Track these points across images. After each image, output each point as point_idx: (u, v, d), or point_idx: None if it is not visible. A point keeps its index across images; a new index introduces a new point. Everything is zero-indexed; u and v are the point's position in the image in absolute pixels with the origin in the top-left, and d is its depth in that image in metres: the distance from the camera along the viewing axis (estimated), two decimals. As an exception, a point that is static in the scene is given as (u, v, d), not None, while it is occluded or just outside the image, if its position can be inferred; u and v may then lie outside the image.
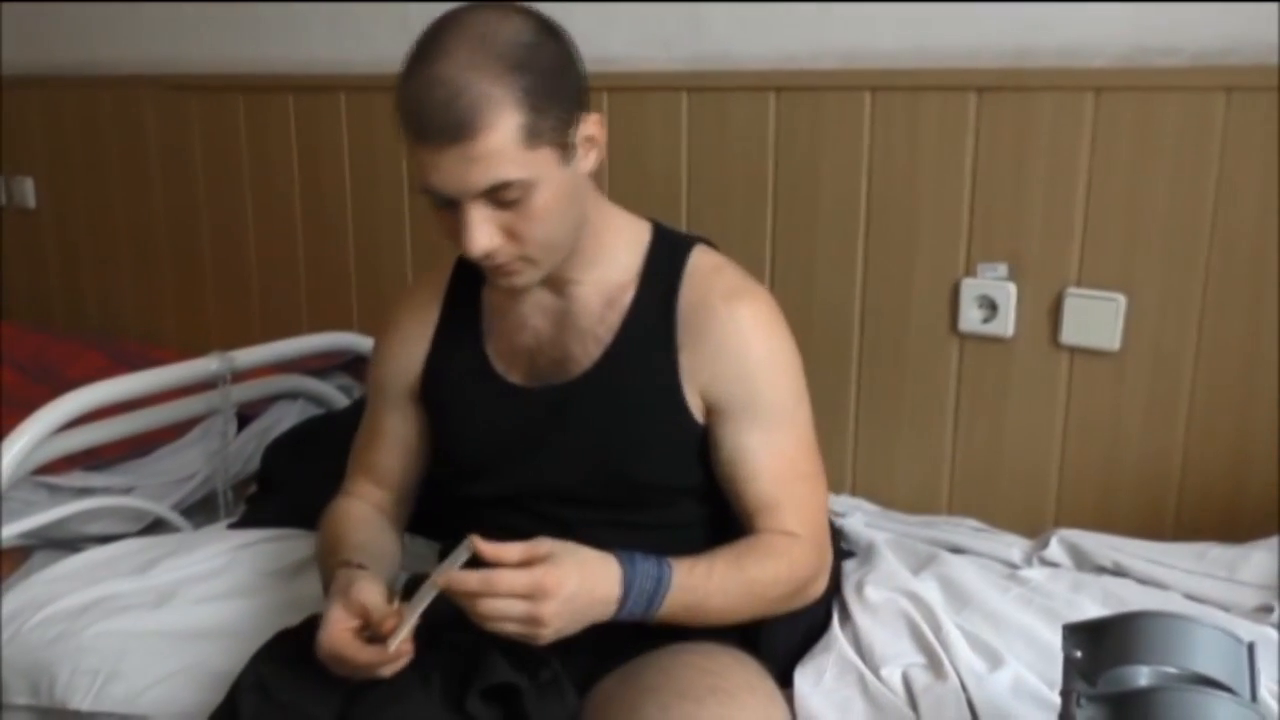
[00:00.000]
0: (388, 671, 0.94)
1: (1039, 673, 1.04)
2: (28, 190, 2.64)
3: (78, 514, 1.55)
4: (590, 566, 0.94)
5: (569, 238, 1.04)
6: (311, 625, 1.09)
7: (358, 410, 1.80)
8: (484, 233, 0.96)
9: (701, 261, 1.11)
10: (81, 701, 1.18)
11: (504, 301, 1.13)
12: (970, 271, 1.50)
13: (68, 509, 1.54)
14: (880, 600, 1.15)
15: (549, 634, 0.91)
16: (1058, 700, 1.00)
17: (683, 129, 1.67)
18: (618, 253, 1.10)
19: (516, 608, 0.89)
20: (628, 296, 1.09)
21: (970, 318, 1.50)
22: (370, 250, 2.07)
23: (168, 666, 1.19)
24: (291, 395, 1.93)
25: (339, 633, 0.95)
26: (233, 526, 1.53)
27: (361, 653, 0.94)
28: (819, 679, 1.06)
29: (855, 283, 1.58)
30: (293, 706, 0.97)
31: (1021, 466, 1.51)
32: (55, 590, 1.33)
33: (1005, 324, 1.47)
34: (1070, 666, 0.83)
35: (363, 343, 1.93)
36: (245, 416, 1.85)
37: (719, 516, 1.12)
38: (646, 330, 1.08)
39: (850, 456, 1.63)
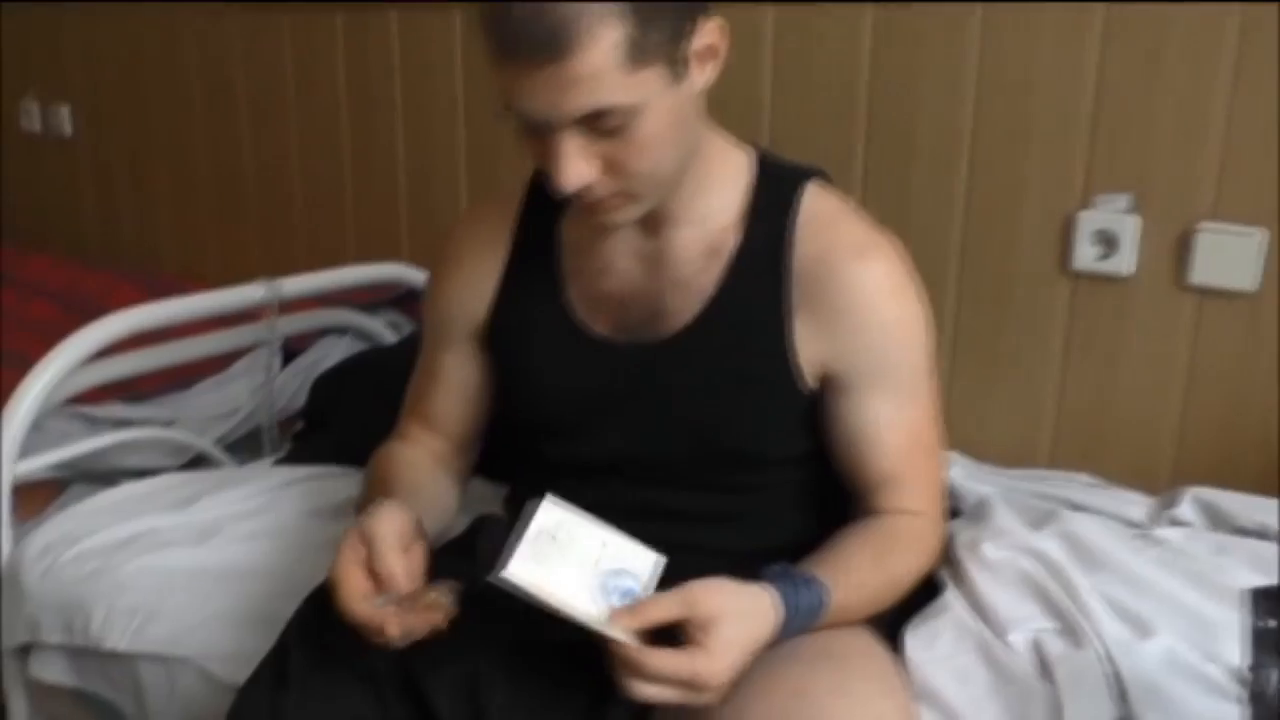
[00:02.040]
0: (382, 640, 0.81)
1: (1194, 644, 0.92)
2: (64, 118, 2.58)
3: (116, 446, 1.48)
4: (751, 625, 0.80)
5: (678, 168, 0.89)
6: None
7: (408, 345, 1.72)
8: (579, 166, 0.83)
9: (817, 206, 0.96)
10: (118, 642, 1.11)
11: (586, 239, 0.99)
12: (1087, 203, 1.36)
13: (106, 439, 1.47)
14: (1000, 559, 1.03)
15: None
16: (1220, 677, 0.88)
17: (766, 48, 1.53)
18: (722, 188, 0.96)
19: (669, 694, 0.76)
20: (732, 242, 0.95)
21: (1085, 254, 1.36)
22: (422, 177, 1.95)
23: (210, 607, 1.12)
24: (339, 330, 1.83)
25: (346, 566, 0.83)
26: (278, 463, 1.44)
27: (355, 603, 0.82)
28: (932, 644, 0.95)
29: (955, 215, 1.44)
30: (347, 656, 0.87)
31: (1135, 419, 1.38)
32: (91, 524, 1.26)
33: (1125, 261, 1.33)
34: (1262, 638, 0.71)
35: (414, 275, 1.83)
36: (290, 352, 1.76)
37: (812, 479, 1.01)
38: (754, 285, 0.94)
39: (942, 405, 1.50)
